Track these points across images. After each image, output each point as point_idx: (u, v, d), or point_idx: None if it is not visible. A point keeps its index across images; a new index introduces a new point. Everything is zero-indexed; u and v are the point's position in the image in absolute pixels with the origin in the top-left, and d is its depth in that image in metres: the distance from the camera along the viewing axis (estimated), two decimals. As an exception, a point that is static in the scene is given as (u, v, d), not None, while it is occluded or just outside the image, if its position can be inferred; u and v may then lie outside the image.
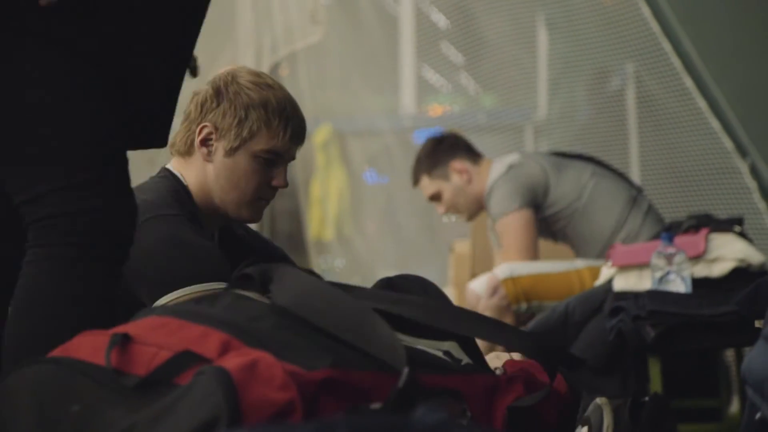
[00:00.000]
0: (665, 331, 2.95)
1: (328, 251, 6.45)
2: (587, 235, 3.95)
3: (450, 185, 4.10)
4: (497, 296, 3.84)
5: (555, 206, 3.96)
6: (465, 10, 5.78)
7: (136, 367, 1.47)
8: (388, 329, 1.52)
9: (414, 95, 6.32)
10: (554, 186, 3.95)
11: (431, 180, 4.12)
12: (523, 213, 3.92)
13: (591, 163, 4.07)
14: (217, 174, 2.34)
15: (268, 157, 2.33)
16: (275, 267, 1.71)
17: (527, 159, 4.02)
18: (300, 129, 2.38)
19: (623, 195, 3.96)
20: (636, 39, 4.58)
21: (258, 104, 2.33)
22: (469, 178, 4.08)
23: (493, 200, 3.95)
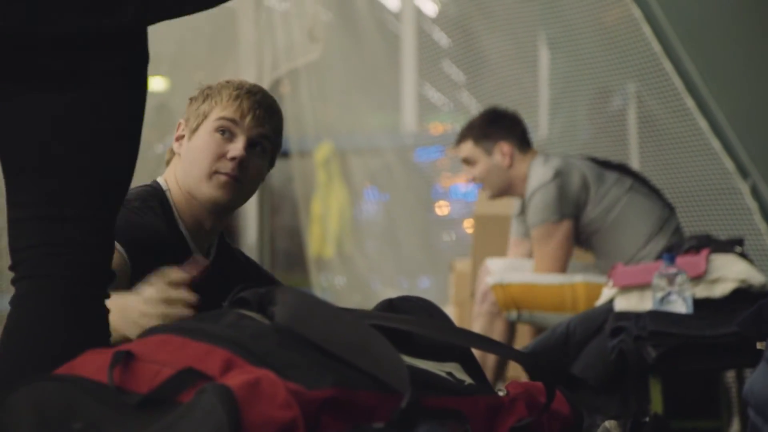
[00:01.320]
0: (666, 352, 2.95)
1: (329, 269, 6.45)
2: (612, 249, 3.91)
3: (489, 160, 4.05)
4: (488, 302, 3.85)
5: (588, 217, 3.93)
6: (466, 29, 5.80)
7: (138, 385, 1.47)
8: (391, 349, 1.52)
9: (415, 113, 6.34)
10: (593, 198, 3.93)
11: (475, 147, 4.07)
12: (563, 225, 3.89)
13: (630, 177, 4.03)
14: (182, 160, 2.37)
15: (224, 126, 2.33)
16: (276, 289, 1.71)
17: (572, 167, 3.96)
18: (257, 103, 2.36)
19: (655, 213, 3.93)
20: (637, 59, 4.58)
21: (217, 88, 2.37)
22: (511, 163, 4.04)
23: (535, 206, 3.91)
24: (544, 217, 3.89)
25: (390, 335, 1.59)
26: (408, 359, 1.64)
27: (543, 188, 3.90)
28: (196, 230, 2.36)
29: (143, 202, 2.31)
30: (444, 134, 6.34)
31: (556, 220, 3.89)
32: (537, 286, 3.86)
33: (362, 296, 6.18)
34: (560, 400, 1.75)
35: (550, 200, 3.89)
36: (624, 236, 3.91)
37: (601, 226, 3.93)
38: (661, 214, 3.95)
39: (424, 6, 6.37)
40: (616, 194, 3.94)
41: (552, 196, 3.89)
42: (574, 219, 3.91)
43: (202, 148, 2.33)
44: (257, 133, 2.35)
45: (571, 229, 3.90)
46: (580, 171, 3.96)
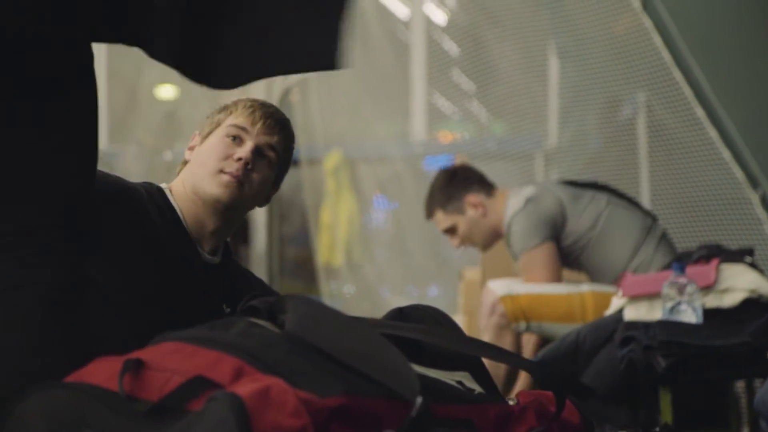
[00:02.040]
0: (676, 362, 2.95)
1: (338, 277, 6.45)
2: (601, 264, 3.96)
3: (465, 218, 4.10)
4: (496, 314, 3.86)
5: (570, 237, 3.97)
6: (476, 38, 5.80)
7: (148, 393, 1.47)
8: (401, 357, 1.52)
9: (424, 122, 6.34)
10: (571, 216, 3.96)
11: (446, 214, 4.12)
12: (545, 247, 3.93)
13: (605, 192, 4.07)
14: (191, 163, 2.42)
15: (234, 132, 2.38)
16: (286, 297, 1.71)
17: (544, 192, 4.01)
18: (269, 114, 2.41)
19: (637, 224, 3.97)
20: (647, 68, 4.58)
21: (237, 100, 2.44)
22: (484, 211, 4.08)
23: (514, 237, 3.95)
24: (524, 245, 3.93)
25: (400, 344, 1.59)
26: (418, 368, 1.64)
27: (517, 217, 3.94)
28: (199, 229, 2.38)
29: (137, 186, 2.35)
30: (453, 143, 6.34)
31: (537, 244, 3.92)
32: (546, 297, 3.87)
33: (371, 304, 6.18)
34: (570, 410, 1.74)
35: (526, 227, 3.93)
36: (611, 250, 3.94)
37: (588, 243, 3.96)
38: (643, 223, 3.98)
39: (434, 15, 6.37)
40: (595, 210, 3.97)
41: (527, 223, 3.93)
42: (555, 240, 3.93)
43: (211, 149, 2.39)
44: (265, 141, 2.39)
45: (553, 251, 3.94)
46: (553, 193, 4.00)
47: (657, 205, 4.59)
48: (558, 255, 3.95)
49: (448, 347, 1.75)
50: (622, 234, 3.95)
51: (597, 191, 4.07)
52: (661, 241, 3.97)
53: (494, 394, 1.76)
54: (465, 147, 6.13)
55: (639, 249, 3.93)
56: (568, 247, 3.98)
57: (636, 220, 3.99)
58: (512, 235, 3.97)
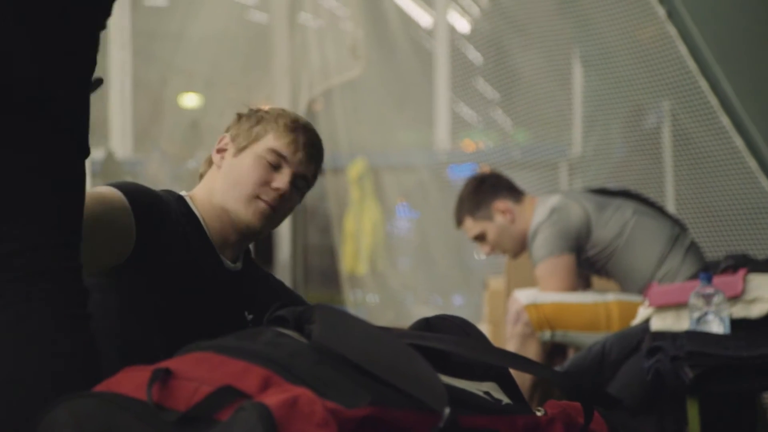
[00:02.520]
0: (703, 373, 2.93)
1: (362, 286, 6.45)
2: (628, 272, 3.95)
3: (494, 225, 4.09)
4: (521, 323, 3.85)
5: (597, 246, 3.96)
6: (500, 47, 5.80)
7: (176, 402, 1.47)
8: (429, 367, 1.52)
9: (448, 131, 6.34)
10: (596, 226, 3.95)
11: (475, 221, 4.12)
12: (564, 258, 3.92)
13: (633, 200, 4.06)
14: (222, 175, 2.40)
15: (272, 158, 2.37)
16: (313, 307, 1.71)
17: (570, 201, 4.00)
18: (310, 141, 2.41)
19: (665, 232, 3.95)
20: (672, 76, 4.57)
21: (273, 115, 2.41)
22: (513, 218, 4.08)
23: (536, 245, 3.95)
24: (544, 254, 3.93)
25: (427, 354, 1.59)
26: (445, 378, 1.64)
27: (541, 226, 3.95)
28: (221, 240, 2.38)
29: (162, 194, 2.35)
30: (477, 152, 6.34)
31: (556, 255, 3.91)
32: (571, 305, 3.86)
33: (395, 313, 6.18)
34: (598, 421, 1.74)
35: (549, 236, 3.92)
36: (637, 258, 3.93)
37: (614, 252, 3.95)
38: (671, 232, 3.96)
39: (458, 23, 6.38)
40: (621, 218, 3.95)
41: (550, 233, 3.93)
42: (576, 253, 3.93)
43: (249, 170, 2.37)
44: (302, 171, 2.40)
45: (573, 263, 3.93)
46: (579, 203, 3.98)
47: (682, 215, 4.58)
48: (576, 268, 3.95)
49: (476, 358, 1.75)
50: (649, 242, 3.94)
51: (625, 199, 4.06)
52: (689, 250, 3.95)
53: (522, 405, 1.75)
54: (489, 156, 6.13)
55: (666, 258, 3.92)
56: (594, 255, 3.98)
57: (663, 228, 3.98)
58: (534, 244, 3.96)
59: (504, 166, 5.57)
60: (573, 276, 3.94)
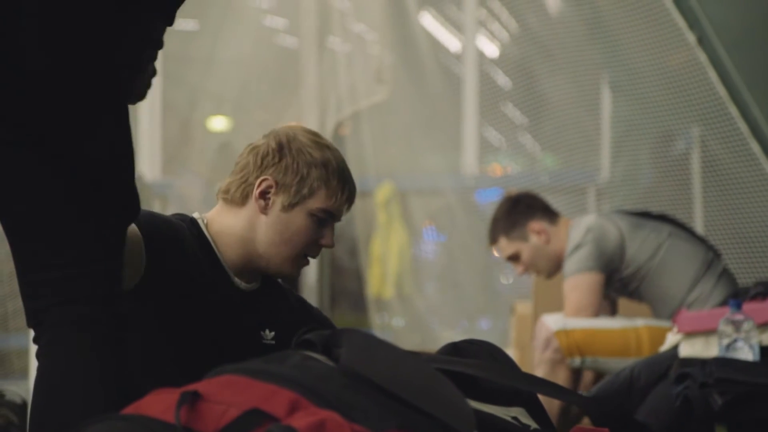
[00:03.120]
0: (733, 400, 2.90)
1: (388, 309, 6.45)
2: (660, 295, 3.94)
3: (528, 246, 4.09)
4: (550, 349, 3.83)
5: (631, 267, 3.95)
6: (528, 71, 5.81)
7: (204, 425, 1.47)
8: (457, 392, 1.51)
9: (476, 155, 6.34)
10: (629, 247, 3.94)
11: (509, 241, 4.12)
12: (592, 276, 3.91)
13: (669, 224, 4.05)
14: (269, 227, 2.37)
15: (323, 216, 2.37)
16: (341, 331, 1.71)
17: (604, 221, 4.00)
18: (353, 192, 2.43)
19: (698, 257, 3.94)
20: (702, 103, 4.56)
21: (320, 163, 2.37)
22: (548, 239, 4.08)
23: (570, 261, 3.95)
24: (575, 269, 3.93)
25: (455, 379, 1.58)
26: (473, 403, 1.63)
27: (577, 249, 3.93)
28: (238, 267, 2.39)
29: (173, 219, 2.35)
30: (504, 176, 6.34)
31: (587, 271, 3.90)
32: (601, 331, 3.85)
33: (422, 337, 6.17)
34: (626, 448, 1.73)
35: (582, 255, 3.92)
36: (670, 281, 3.91)
37: (648, 273, 3.93)
38: (705, 257, 3.94)
39: (486, 48, 6.39)
40: (656, 241, 3.94)
41: (583, 251, 3.93)
42: (606, 274, 3.92)
43: (301, 231, 2.37)
44: (341, 216, 2.43)
45: (599, 282, 3.92)
46: (614, 223, 3.98)
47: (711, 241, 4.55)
48: (602, 289, 3.93)
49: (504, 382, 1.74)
50: (682, 266, 3.92)
51: (660, 222, 4.05)
52: (722, 276, 3.93)
53: (550, 430, 1.74)
54: (516, 180, 6.13)
55: (698, 282, 3.90)
56: (628, 276, 3.96)
57: (697, 253, 3.96)
58: (569, 260, 3.96)
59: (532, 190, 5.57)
60: (596, 295, 3.92)
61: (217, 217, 2.40)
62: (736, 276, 4.34)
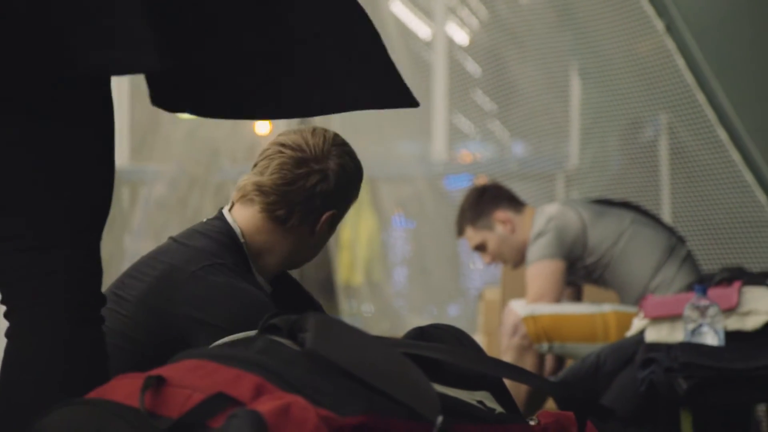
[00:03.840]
0: (697, 384, 2.93)
1: (357, 296, 6.45)
2: (624, 281, 3.97)
3: (494, 235, 4.13)
4: (518, 335, 3.86)
5: (594, 254, 3.98)
6: (498, 59, 5.81)
7: (169, 410, 1.47)
8: (422, 376, 1.52)
9: (445, 142, 6.34)
10: (592, 235, 3.97)
11: (476, 231, 4.16)
12: (553, 263, 3.95)
13: (631, 211, 4.08)
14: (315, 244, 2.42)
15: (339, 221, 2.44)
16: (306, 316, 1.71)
17: (567, 209, 4.03)
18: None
19: (661, 243, 3.97)
20: (670, 90, 4.57)
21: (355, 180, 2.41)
22: (513, 228, 4.12)
23: (532, 249, 3.98)
24: (537, 257, 3.97)
25: (421, 363, 1.59)
26: (439, 387, 1.64)
27: (539, 237, 3.97)
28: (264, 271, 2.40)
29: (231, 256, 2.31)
30: (474, 163, 6.35)
31: (549, 258, 3.94)
32: (568, 317, 3.87)
33: (390, 324, 6.17)
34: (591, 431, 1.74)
35: (545, 242, 3.97)
36: (633, 267, 3.95)
37: (611, 260, 3.97)
38: (667, 243, 3.98)
39: (456, 35, 6.38)
40: (618, 228, 3.98)
41: (547, 239, 3.97)
42: (568, 261, 3.96)
43: (325, 239, 2.42)
44: None
45: (561, 270, 3.96)
46: (577, 212, 4.02)
47: (678, 227, 4.58)
48: (564, 277, 3.97)
49: (469, 367, 1.75)
50: (645, 252, 3.96)
51: (623, 209, 4.08)
52: (685, 261, 3.97)
53: (515, 415, 1.75)
54: (486, 167, 6.14)
55: (661, 267, 3.93)
56: (592, 264, 4.00)
57: (660, 239, 3.99)
58: (531, 248, 4.00)
59: (501, 177, 5.57)
60: (557, 282, 3.95)
61: (258, 234, 2.36)
62: (702, 262, 4.37)
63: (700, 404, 3.06)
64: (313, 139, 2.36)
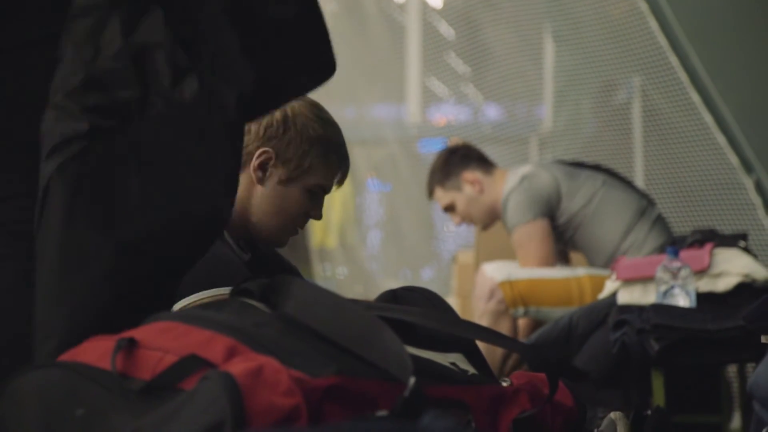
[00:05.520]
0: (669, 345, 2.95)
1: (331, 259, 6.45)
2: (594, 242, 3.98)
3: (463, 196, 4.13)
4: (494, 300, 3.87)
5: (565, 215, 3.99)
6: (471, 21, 5.79)
7: (141, 372, 1.46)
8: (395, 338, 1.52)
9: (419, 105, 6.33)
10: (565, 195, 3.98)
11: (445, 191, 4.16)
12: (538, 223, 3.95)
13: (603, 173, 4.09)
14: (264, 198, 2.36)
15: (317, 191, 2.38)
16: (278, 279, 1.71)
17: (540, 169, 4.05)
18: (348, 168, 2.44)
19: (632, 205, 3.98)
20: (643, 52, 4.58)
21: (322, 140, 2.36)
22: (481, 189, 4.12)
23: (508, 212, 3.99)
24: (517, 220, 3.96)
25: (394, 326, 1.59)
26: (412, 349, 1.64)
27: (511, 194, 3.98)
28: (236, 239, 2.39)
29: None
30: (448, 126, 6.34)
31: (531, 220, 3.95)
32: (544, 281, 3.88)
33: (364, 287, 6.18)
34: (564, 392, 1.74)
35: (520, 202, 3.96)
36: (604, 228, 3.96)
37: (582, 222, 3.98)
38: (638, 205, 4.00)
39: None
40: (590, 189, 3.99)
41: (521, 199, 3.96)
42: (549, 218, 3.96)
43: (294, 204, 2.36)
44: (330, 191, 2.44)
45: (547, 227, 3.96)
46: (549, 171, 4.03)
47: (651, 190, 4.60)
48: (551, 232, 3.98)
49: (441, 329, 1.75)
50: (616, 213, 3.97)
51: (594, 171, 4.09)
52: (656, 223, 3.99)
53: (488, 376, 1.75)
54: (459, 130, 6.13)
55: (632, 229, 3.95)
56: (563, 225, 4.01)
57: (631, 201, 4.01)
58: (507, 211, 3.99)
59: (474, 140, 5.57)
60: (550, 240, 3.97)
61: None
62: (674, 224, 4.39)
63: (671, 365, 3.08)
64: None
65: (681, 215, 4.52)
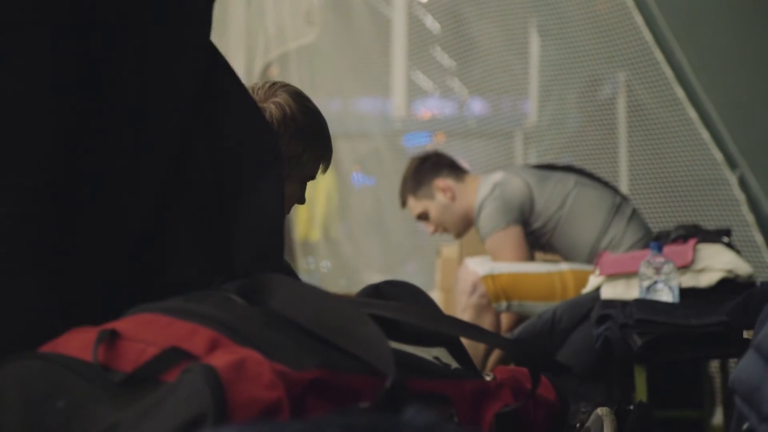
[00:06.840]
0: (652, 341, 2.95)
1: (315, 252, 6.44)
2: (572, 243, 3.99)
3: (435, 204, 4.14)
4: (477, 294, 3.87)
5: (540, 219, 4.00)
6: (457, 15, 5.78)
7: (123, 363, 1.46)
8: (378, 332, 1.52)
9: (404, 98, 6.32)
10: (538, 199, 3.99)
11: (417, 200, 4.18)
12: (511, 230, 3.96)
13: (574, 173, 4.10)
14: None
15: (307, 181, 2.44)
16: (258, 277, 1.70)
17: (511, 176, 4.05)
18: (331, 155, 2.51)
19: (606, 203, 3.99)
20: (628, 48, 4.58)
21: (315, 135, 2.42)
22: (453, 195, 4.12)
23: (481, 221, 4.00)
24: (491, 228, 3.97)
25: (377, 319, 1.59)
26: (394, 344, 1.64)
27: (485, 202, 3.99)
28: None
29: None
30: (432, 120, 6.34)
31: (503, 227, 3.95)
32: (527, 275, 3.89)
33: (348, 280, 6.17)
34: (546, 387, 1.75)
35: (493, 210, 3.97)
36: (580, 229, 3.98)
37: (558, 224, 3.99)
38: (612, 202, 4.01)
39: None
40: (563, 190, 4.00)
41: (494, 206, 3.97)
42: (522, 224, 3.97)
43: (291, 197, 2.43)
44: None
45: (520, 234, 3.98)
46: (520, 177, 4.03)
47: (635, 185, 4.60)
48: (524, 238, 3.99)
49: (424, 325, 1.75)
50: (591, 212, 3.98)
51: (565, 173, 4.10)
52: (632, 218, 4.00)
53: (471, 370, 1.75)
54: (444, 124, 6.13)
55: (609, 227, 3.96)
56: (539, 229, 4.01)
57: (604, 198, 4.02)
58: (480, 220, 4.01)
59: (459, 134, 5.58)
60: (523, 247, 3.98)
61: None
62: (658, 219, 4.40)
63: (654, 360, 3.08)
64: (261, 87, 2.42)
65: (665, 211, 4.52)
